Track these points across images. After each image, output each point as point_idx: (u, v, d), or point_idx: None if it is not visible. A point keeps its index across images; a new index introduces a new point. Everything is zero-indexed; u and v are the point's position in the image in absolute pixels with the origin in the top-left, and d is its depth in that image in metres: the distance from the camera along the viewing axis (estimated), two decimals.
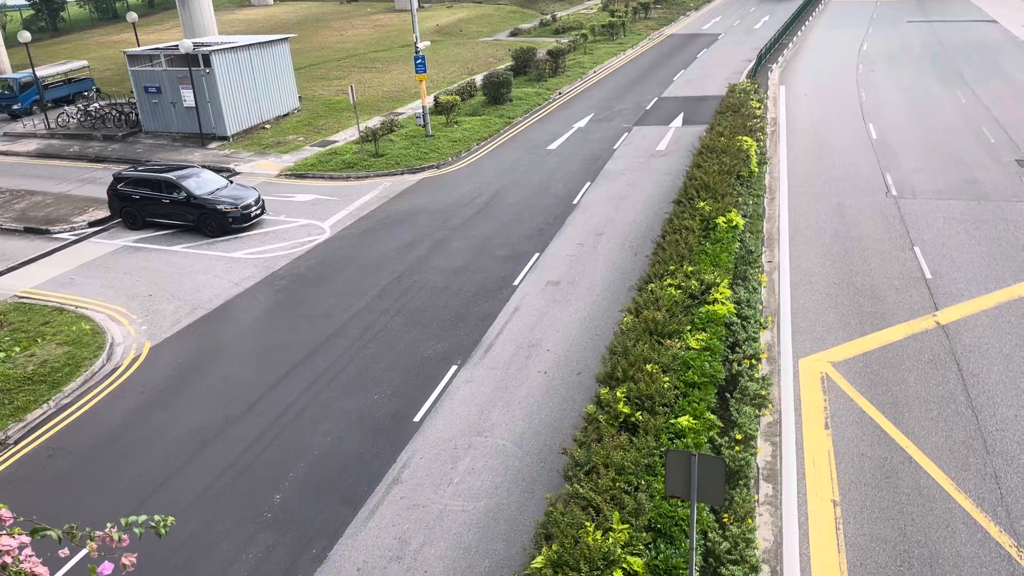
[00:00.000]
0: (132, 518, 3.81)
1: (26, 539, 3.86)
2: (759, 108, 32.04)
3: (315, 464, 14.53)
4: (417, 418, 15.68)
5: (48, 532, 3.87)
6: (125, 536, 3.86)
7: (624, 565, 9.43)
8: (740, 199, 21.87)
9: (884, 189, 26.52)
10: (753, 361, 15.10)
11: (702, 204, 20.61)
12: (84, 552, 3.61)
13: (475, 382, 16.81)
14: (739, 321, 16.07)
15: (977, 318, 17.99)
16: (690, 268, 17.26)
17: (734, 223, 19.61)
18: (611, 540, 9.69)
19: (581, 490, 10.81)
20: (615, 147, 33.53)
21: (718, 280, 16.60)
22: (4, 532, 3.87)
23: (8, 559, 3.78)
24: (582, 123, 37.85)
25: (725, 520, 11.19)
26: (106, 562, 3.61)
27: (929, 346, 17.00)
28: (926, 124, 34.17)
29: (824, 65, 48.57)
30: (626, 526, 9.99)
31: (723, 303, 15.77)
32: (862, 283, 20.03)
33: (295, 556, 12.41)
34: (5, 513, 4.06)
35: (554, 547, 9.84)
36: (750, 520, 11.31)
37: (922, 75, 44.37)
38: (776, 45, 53.65)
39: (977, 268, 20.36)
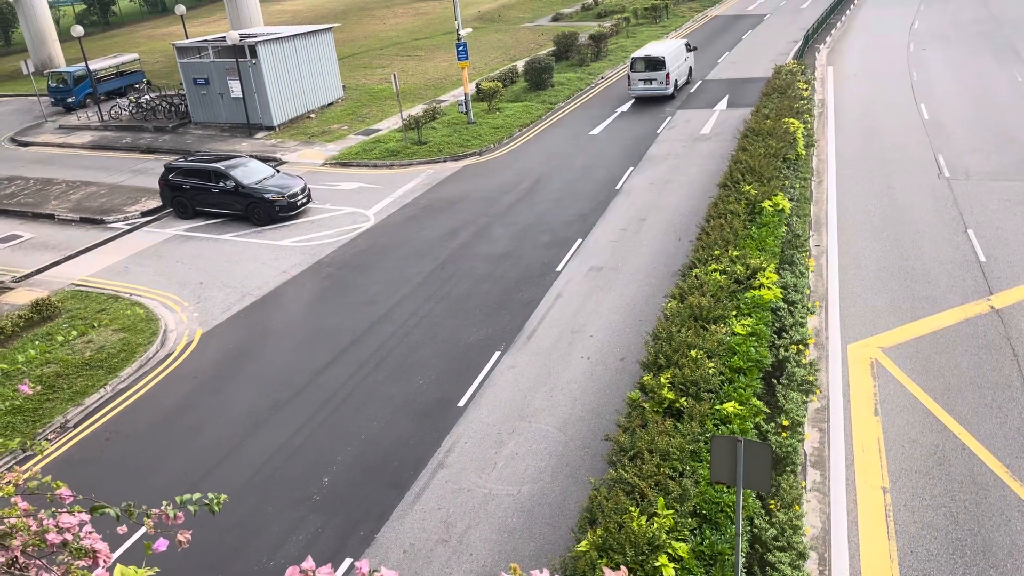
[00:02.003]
0: (186, 496, 3.93)
1: (85, 517, 3.99)
2: (806, 89, 31.41)
3: (362, 448, 14.75)
4: (461, 403, 15.81)
5: (107, 510, 4.01)
6: (180, 514, 3.97)
7: (669, 550, 9.41)
8: (787, 182, 21.52)
9: (936, 171, 25.84)
10: (800, 347, 14.90)
11: (747, 188, 20.32)
12: (143, 531, 3.75)
13: (518, 368, 16.87)
14: (786, 306, 15.85)
15: None
16: (735, 253, 17.05)
17: (780, 207, 19.31)
18: (656, 525, 9.67)
19: (626, 475, 10.80)
20: (658, 131, 33.20)
21: (764, 265, 16.37)
22: (65, 510, 4.01)
23: (69, 536, 3.92)
24: (625, 108, 37.53)
25: (772, 507, 11.09)
26: (161, 539, 3.73)
27: (983, 331, 16.58)
28: (980, 104, 33.15)
29: (873, 45, 47.38)
30: (671, 511, 9.96)
31: (769, 288, 15.56)
32: (913, 267, 19.59)
33: (344, 538, 12.63)
34: (65, 492, 4.21)
35: (599, 531, 9.86)
36: (797, 507, 11.19)
37: (976, 53, 43.02)
38: (824, 25, 52.45)
39: None
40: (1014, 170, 25.28)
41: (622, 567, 2.01)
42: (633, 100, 38.40)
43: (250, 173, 26.96)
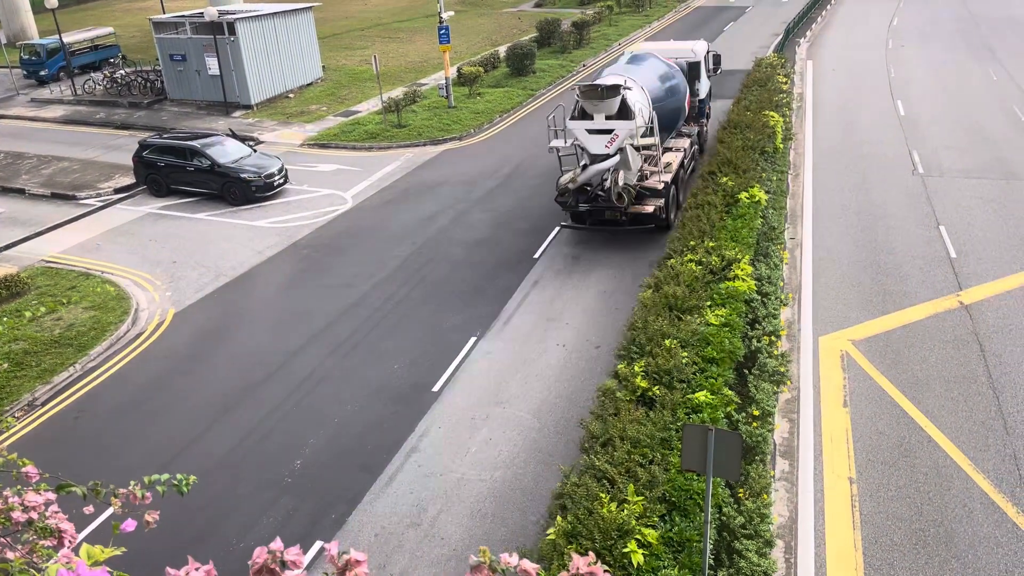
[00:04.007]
0: (155, 476, 3.89)
1: (52, 495, 3.95)
2: (786, 83, 31.59)
3: (335, 431, 14.72)
4: (436, 388, 15.81)
5: (73, 489, 3.97)
6: (148, 494, 3.94)
7: (638, 536, 9.50)
8: (763, 175, 21.66)
9: (911, 167, 26.14)
10: (772, 338, 15.06)
11: (724, 179, 20.43)
12: (110, 511, 3.74)
13: (494, 354, 16.89)
14: (759, 298, 16.00)
15: (1001, 299, 17.78)
16: (711, 244, 17.17)
17: (757, 199, 19.45)
18: (626, 512, 9.76)
19: (597, 462, 10.88)
20: None
21: (739, 256, 16.51)
22: (31, 489, 3.97)
23: (35, 514, 3.88)
24: None
25: (740, 495, 11.23)
26: (129, 519, 3.70)
27: (952, 326, 16.84)
28: (956, 101, 33.54)
29: (853, 40, 47.70)
30: (640, 498, 10.05)
31: (744, 279, 15.70)
32: (885, 261, 19.83)
33: (315, 520, 12.62)
34: (32, 470, 4.16)
35: (569, 517, 9.94)
36: (765, 495, 11.34)
37: (953, 51, 43.48)
38: (805, 19, 52.70)
39: (1003, 248, 20.07)
40: (987, 168, 25.63)
41: (590, 552, 2.03)
42: None
43: (226, 152, 26.66)
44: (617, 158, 20.11)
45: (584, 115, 20.28)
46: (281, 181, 26.66)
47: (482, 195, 25.93)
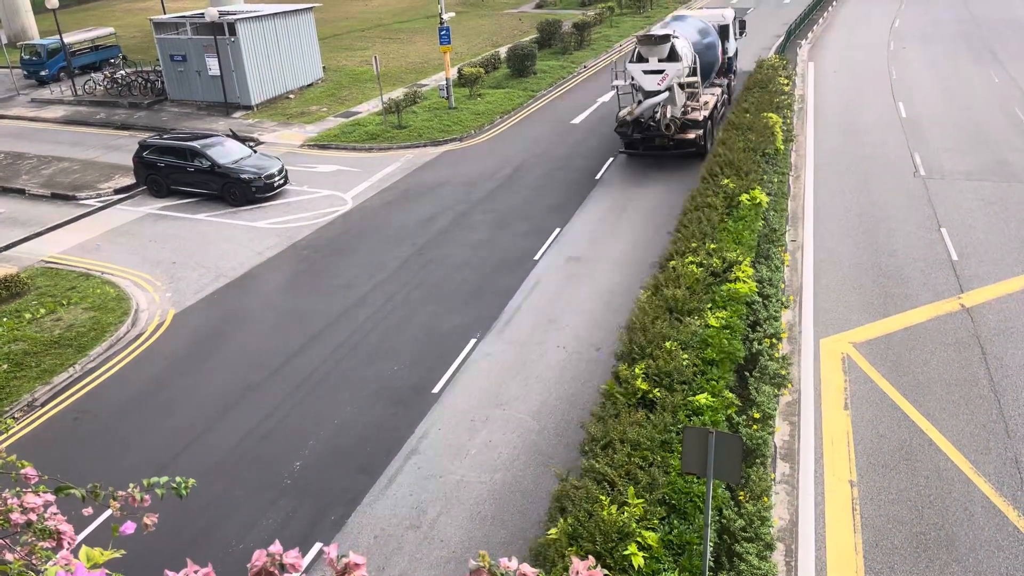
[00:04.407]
0: (154, 479, 3.87)
1: (50, 497, 3.93)
2: (787, 85, 31.58)
3: (335, 433, 14.69)
4: (436, 390, 15.79)
5: (72, 491, 3.94)
6: (147, 496, 3.92)
7: (638, 539, 9.48)
8: (765, 177, 21.65)
9: (912, 169, 26.12)
10: (773, 340, 15.03)
11: (726, 181, 20.42)
12: (108, 512, 3.72)
13: (494, 356, 16.87)
14: (760, 300, 15.98)
15: (1003, 301, 17.76)
16: (712, 246, 17.14)
17: (758, 201, 19.43)
18: (626, 514, 9.74)
19: (597, 464, 10.86)
20: None
21: (740, 258, 16.48)
22: (29, 490, 3.94)
23: (33, 516, 3.86)
24: (607, 97, 37.49)
25: (741, 498, 11.21)
26: (128, 522, 3.68)
27: (953, 329, 16.82)
28: (957, 103, 33.53)
29: (855, 42, 47.71)
30: (641, 501, 10.03)
31: (745, 281, 15.67)
32: (887, 264, 19.81)
33: (314, 522, 12.60)
34: (30, 472, 4.14)
35: (569, 519, 9.91)
36: (766, 498, 11.31)
37: (955, 53, 43.48)
38: (806, 21, 52.71)
39: (1004, 251, 20.05)
40: (988, 170, 25.62)
41: (590, 556, 2.01)
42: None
43: (227, 152, 26.65)
44: (666, 94, 25.60)
45: (640, 59, 25.70)
46: (281, 182, 26.65)
47: (483, 196, 25.91)
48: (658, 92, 25.43)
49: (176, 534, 12.11)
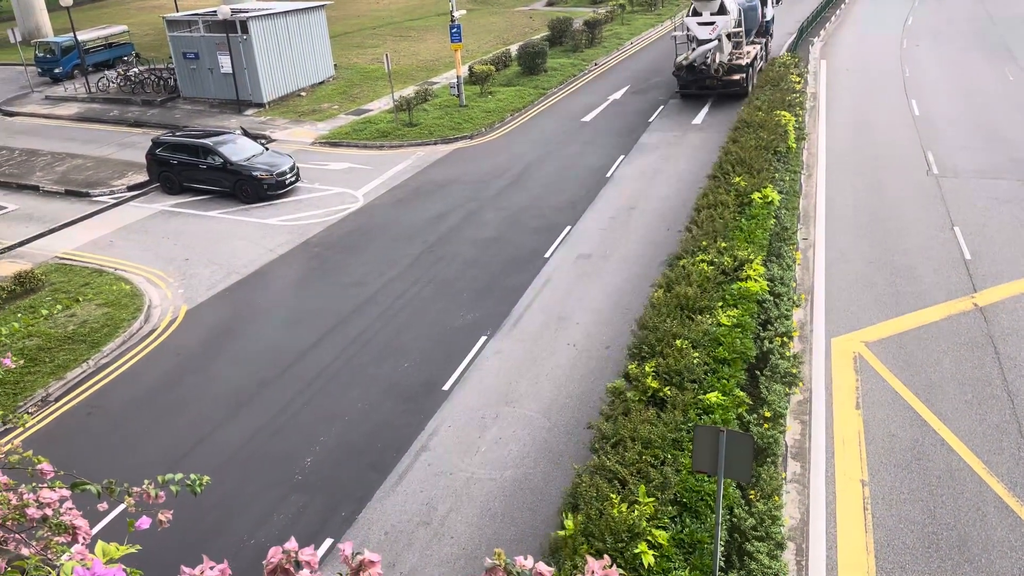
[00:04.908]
0: (169, 476, 3.90)
1: (66, 493, 3.97)
2: (799, 83, 31.46)
3: (346, 429, 14.75)
4: (446, 387, 15.82)
5: (88, 487, 3.98)
6: (162, 493, 3.96)
7: (649, 537, 9.48)
8: (776, 175, 21.57)
9: (925, 167, 25.97)
10: (785, 339, 14.99)
11: (737, 179, 20.36)
12: (122, 507, 3.75)
13: (504, 353, 16.89)
14: (772, 298, 15.93)
15: (1017, 300, 17.65)
16: (723, 244, 17.10)
17: (770, 199, 19.37)
18: (636, 513, 9.74)
19: (608, 462, 10.86)
20: (650, 120, 33.16)
21: (751, 257, 16.44)
22: (45, 485, 3.98)
23: (49, 511, 3.89)
24: (617, 95, 37.45)
25: (752, 497, 11.19)
26: (144, 517, 3.71)
27: (966, 328, 16.73)
28: (971, 101, 33.30)
29: (867, 39, 47.43)
30: (652, 499, 10.03)
31: (756, 280, 15.63)
32: (899, 263, 19.71)
33: (325, 518, 12.65)
34: (46, 467, 4.18)
35: (579, 517, 9.92)
36: (777, 497, 11.29)
37: (969, 51, 43.17)
38: (818, 18, 52.44)
39: (1019, 250, 19.91)
40: (1002, 168, 25.45)
41: (605, 555, 2.02)
42: (627, 88, 38.34)
43: (239, 150, 26.74)
44: (716, 43, 31.88)
45: (695, 13, 32.16)
46: (292, 179, 26.73)
47: (493, 194, 25.92)
48: (709, 41, 31.47)
49: (188, 529, 12.18)
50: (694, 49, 32.28)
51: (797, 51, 42.58)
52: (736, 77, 33.00)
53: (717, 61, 32.39)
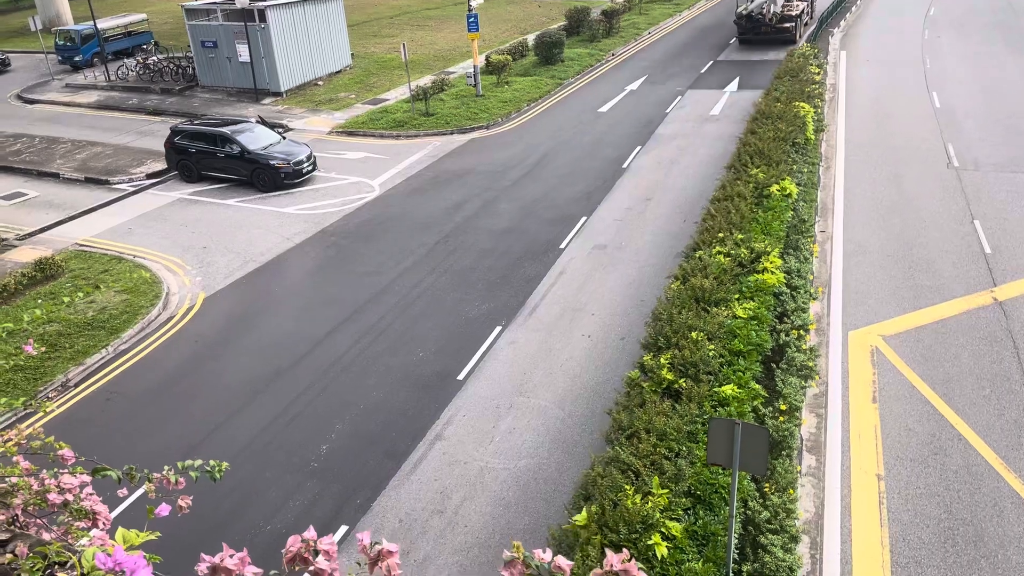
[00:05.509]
0: (188, 462, 3.94)
1: (87, 478, 4.01)
2: (818, 74, 31.15)
3: (361, 417, 14.83)
4: (461, 376, 15.86)
5: (108, 472, 4.02)
6: (182, 479, 4.00)
7: (663, 529, 9.48)
8: (795, 167, 21.41)
9: (945, 160, 25.69)
10: (801, 332, 14.91)
11: (755, 171, 20.23)
12: (140, 492, 3.78)
13: (519, 343, 16.90)
14: (788, 291, 15.84)
15: None
16: (740, 236, 17.00)
17: (788, 191, 19.23)
18: (650, 504, 9.74)
19: (622, 454, 10.87)
20: (667, 111, 32.99)
21: (769, 249, 16.34)
22: (66, 471, 4.03)
23: (70, 496, 3.94)
24: (635, 86, 37.27)
25: (766, 490, 11.16)
26: (164, 504, 3.75)
27: (985, 323, 16.57)
28: (993, 94, 32.87)
29: (888, 31, 46.89)
30: (665, 491, 10.02)
31: (773, 272, 15.54)
32: (918, 256, 19.54)
33: (340, 505, 12.74)
34: (67, 453, 4.23)
35: (593, 508, 9.94)
36: (792, 491, 11.27)
37: (991, 42, 42.57)
38: (838, 9, 51.88)
39: None
40: (1023, 162, 25.15)
41: (624, 549, 2.01)
42: (644, 78, 38.14)
43: (256, 139, 26.85)
44: None
45: None
46: (309, 168, 26.81)
47: (509, 184, 25.90)
48: None
49: (206, 515, 12.31)
50: (752, 1, 40.59)
51: (817, 41, 42.18)
52: (787, 25, 40.51)
53: (771, 12, 40.00)
